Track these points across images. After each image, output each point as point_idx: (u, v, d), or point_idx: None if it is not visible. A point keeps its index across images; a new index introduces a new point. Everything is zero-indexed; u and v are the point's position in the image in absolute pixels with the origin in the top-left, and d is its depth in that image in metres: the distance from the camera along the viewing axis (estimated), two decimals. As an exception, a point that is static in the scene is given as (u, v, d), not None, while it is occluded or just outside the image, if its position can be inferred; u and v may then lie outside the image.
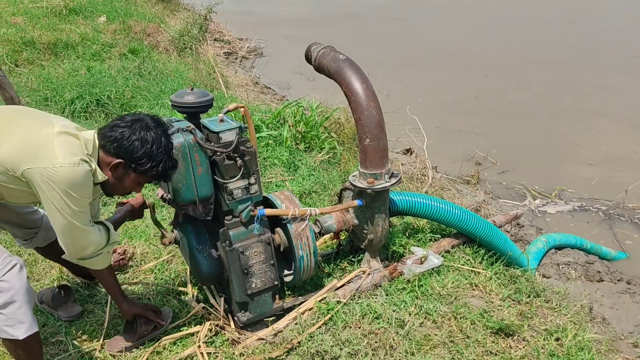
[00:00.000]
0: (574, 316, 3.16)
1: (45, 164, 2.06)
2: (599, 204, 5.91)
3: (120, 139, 2.22)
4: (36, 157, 2.06)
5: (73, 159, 2.10)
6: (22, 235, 2.74)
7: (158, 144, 2.26)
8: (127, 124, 2.25)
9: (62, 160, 2.07)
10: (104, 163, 2.27)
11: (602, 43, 12.25)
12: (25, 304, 2.15)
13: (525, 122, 8.01)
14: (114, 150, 2.24)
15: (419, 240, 3.61)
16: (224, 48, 10.87)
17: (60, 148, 2.09)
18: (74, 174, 2.10)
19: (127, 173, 2.31)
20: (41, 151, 2.07)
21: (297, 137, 5.14)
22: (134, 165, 2.26)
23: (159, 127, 2.32)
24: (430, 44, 12.33)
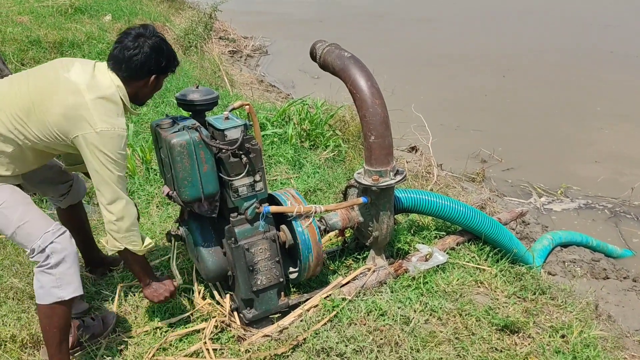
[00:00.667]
0: (580, 313, 3.15)
1: (88, 130, 2.30)
2: (605, 201, 5.89)
3: (144, 62, 2.43)
4: (80, 126, 2.30)
5: (110, 123, 2.34)
6: (58, 192, 2.90)
7: (165, 43, 2.53)
8: (135, 47, 2.41)
9: (101, 126, 2.31)
10: (138, 87, 2.51)
11: (622, 44, 12.16)
12: (75, 266, 2.39)
13: (532, 121, 7.99)
14: (144, 73, 2.47)
15: (424, 238, 3.61)
16: (228, 46, 10.88)
17: (96, 113, 2.32)
18: (113, 136, 2.34)
19: (158, 79, 2.57)
20: (83, 119, 2.30)
21: (302, 135, 5.15)
22: (162, 71, 2.55)
23: (150, 27, 2.51)
24: (438, 43, 12.30)
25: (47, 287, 2.33)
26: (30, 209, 2.39)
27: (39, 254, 2.32)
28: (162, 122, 2.66)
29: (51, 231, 2.35)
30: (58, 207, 3.00)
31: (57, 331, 2.40)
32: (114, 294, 3.08)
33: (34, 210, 2.41)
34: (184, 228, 2.93)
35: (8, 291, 3.08)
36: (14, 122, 2.30)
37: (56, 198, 2.94)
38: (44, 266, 2.33)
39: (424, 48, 11.87)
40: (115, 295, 3.06)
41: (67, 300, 2.37)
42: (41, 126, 2.32)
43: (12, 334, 2.72)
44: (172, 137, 2.51)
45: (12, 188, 2.41)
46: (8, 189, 2.39)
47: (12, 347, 2.68)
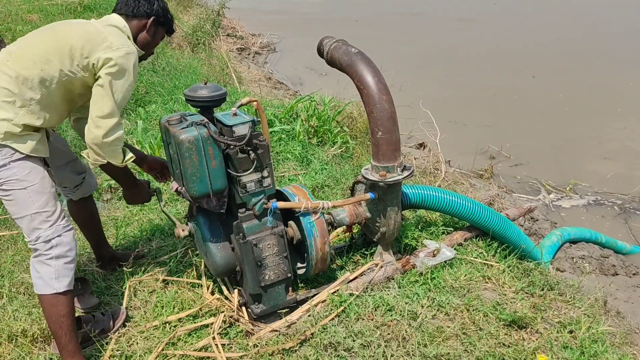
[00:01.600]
0: (588, 309, 3.14)
1: (105, 45, 2.46)
2: (614, 198, 5.87)
3: (147, 1, 2.66)
4: (101, 46, 2.45)
5: (126, 42, 2.53)
6: (72, 182, 2.97)
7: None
8: None
9: (117, 44, 2.48)
10: (138, 27, 2.68)
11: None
12: (73, 263, 2.51)
13: (541, 117, 7.97)
14: (145, 12, 2.67)
15: (432, 234, 3.61)
16: (237, 44, 10.91)
17: (112, 36, 2.50)
18: (128, 52, 2.50)
19: (156, 28, 2.75)
20: (98, 40, 2.46)
21: (310, 131, 5.16)
22: (160, 19, 2.73)
23: None
24: (446, 41, 12.25)
25: (46, 277, 2.42)
26: (53, 200, 2.49)
27: (43, 243, 2.42)
28: (170, 119, 2.67)
29: (62, 225, 2.47)
30: (70, 199, 3.06)
31: (63, 319, 2.46)
32: (123, 289, 3.11)
33: (55, 202, 2.50)
34: (193, 224, 2.95)
35: (19, 286, 3.12)
36: (39, 63, 2.41)
37: (70, 189, 3.00)
38: (44, 256, 2.42)
39: (430, 46, 11.83)
40: (125, 290, 3.08)
41: (67, 292, 2.46)
42: (64, 55, 2.43)
43: (23, 329, 2.75)
44: (180, 133, 2.53)
45: (44, 173, 2.49)
46: (41, 172, 2.47)
47: (23, 342, 2.71)
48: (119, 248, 3.53)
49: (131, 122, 5.47)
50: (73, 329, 2.50)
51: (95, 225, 3.21)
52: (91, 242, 3.27)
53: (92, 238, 3.24)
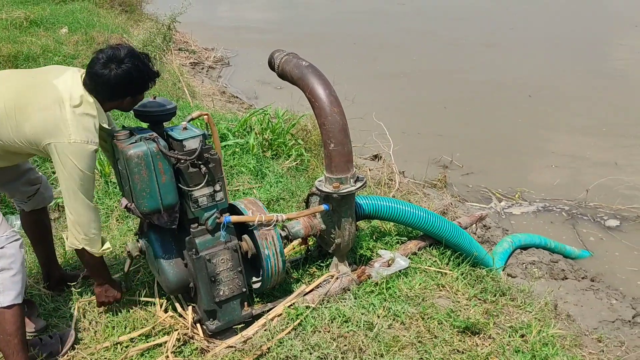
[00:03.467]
0: (539, 313, 3.23)
1: (62, 139, 2.37)
2: (562, 204, 6.04)
3: (115, 86, 2.48)
4: (55, 134, 2.38)
5: (84, 136, 2.41)
6: (24, 194, 2.91)
7: (137, 67, 2.50)
8: (107, 71, 2.44)
9: (75, 137, 2.38)
10: (115, 105, 2.61)
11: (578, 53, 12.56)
12: (20, 275, 2.42)
13: (491, 127, 8.16)
14: (118, 94, 2.54)
15: (386, 243, 3.65)
16: (189, 58, 10.81)
17: (73, 126, 2.39)
18: (83, 150, 2.41)
19: (135, 98, 2.63)
20: (59, 129, 2.38)
21: (264, 144, 5.15)
22: (137, 92, 2.61)
23: (124, 49, 2.51)
24: (400, 56, 12.43)
25: None
26: None
27: None
28: (118, 134, 2.62)
29: (5, 236, 2.41)
30: (22, 209, 2.98)
31: (10, 338, 2.37)
32: (72, 311, 3.01)
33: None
34: (144, 240, 2.89)
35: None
36: None
37: (22, 199, 2.92)
38: None
39: (383, 60, 11.99)
40: (74, 311, 2.98)
41: (12, 306, 2.38)
42: (16, 131, 2.39)
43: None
44: (129, 149, 2.49)
45: None
46: None
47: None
48: (67, 268, 3.41)
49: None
50: (22, 349, 2.41)
51: (47, 242, 3.13)
52: (41, 259, 3.17)
53: (43, 254, 3.15)
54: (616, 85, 9.82)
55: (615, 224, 5.61)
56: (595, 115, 8.41)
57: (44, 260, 3.16)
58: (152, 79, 2.62)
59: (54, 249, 3.20)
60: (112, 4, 11.85)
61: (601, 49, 12.82)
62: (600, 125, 8.06)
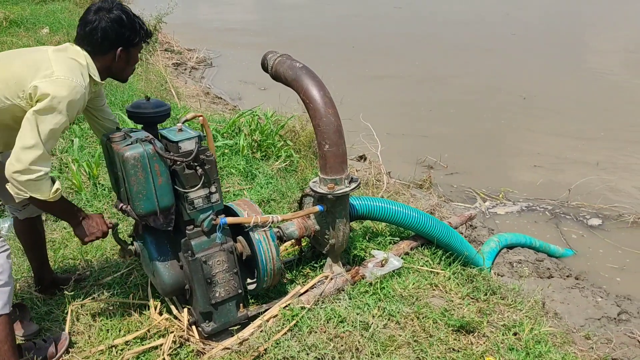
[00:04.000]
0: (529, 311, 3.27)
1: (45, 77, 2.25)
2: (545, 203, 6.13)
3: (105, 35, 2.41)
4: (37, 74, 2.26)
5: (73, 75, 2.30)
6: (21, 202, 2.67)
7: (127, 14, 2.48)
8: (97, 21, 2.40)
9: (58, 74, 2.27)
10: (106, 61, 2.50)
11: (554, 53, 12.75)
12: (8, 286, 2.38)
13: (475, 128, 8.26)
14: (108, 46, 2.45)
15: (379, 244, 3.67)
16: (172, 59, 10.75)
17: (56, 64, 2.29)
18: (66, 85, 2.27)
19: (128, 52, 2.54)
20: (41, 69, 2.27)
21: (253, 145, 5.15)
22: (129, 43, 2.51)
23: (113, 2, 2.48)
24: (387, 58, 12.51)
25: None
26: None
27: None
28: (113, 136, 2.59)
29: None
30: (15, 217, 2.92)
31: (0, 345, 2.34)
32: (65, 314, 2.98)
33: None
34: (139, 243, 2.87)
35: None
36: None
37: (16, 207, 2.86)
38: None
39: (370, 61, 12.05)
40: (67, 314, 2.95)
41: (0, 315, 2.34)
42: (5, 86, 2.28)
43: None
44: (125, 150, 2.46)
45: None
46: None
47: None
48: (58, 271, 3.38)
49: (65, 140, 5.27)
50: (13, 354, 2.38)
51: (39, 248, 3.09)
52: (33, 264, 3.13)
53: (36, 260, 3.11)
54: (598, 89, 10.00)
55: (597, 223, 5.71)
56: (576, 117, 8.57)
57: (37, 264, 3.12)
58: (144, 32, 2.57)
59: (46, 254, 3.16)
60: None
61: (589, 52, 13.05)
62: (581, 126, 8.21)
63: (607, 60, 11.97)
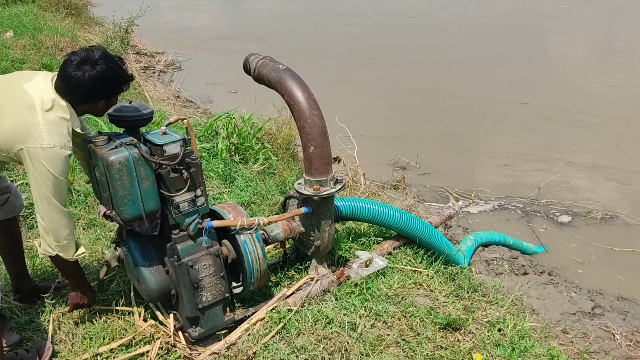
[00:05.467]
0: (510, 307, 3.34)
1: (34, 145, 2.31)
2: (516, 202, 6.24)
3: (89, 88, 2.42)
4: (27, 140, 2.32)
5: (58, 140, 2.34)
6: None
7: (111, 69, 2.46)
8: (81, 72, 2.39)
9: (48, 142, 2.32)
10: (88, 109, 2.53)
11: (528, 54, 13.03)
12: None
13: (444, 129, 8.37)
14: (92, 97, 2.46)
15: (363, 244, 3.69)
16: (140, 62, 10.59)
17: (46, 130, 2.33)
18: (57, 155, 2.34)
19: (109, 101, 2.55)
20: (31, 134, 2.32)
21: (231, 149, 5.11)
22: (111, 96, 2.53)
23: (98, 51, 2.47)
24: (359, 60, 12.57)
25: None
26: None
27: None
28: (96, 140, 2.55)
29: None
30: None
31: None
32: (46, 323, 2.90)
33: None
34: (123, 248, 2.82)
35: None
36: None
37: None
38: None
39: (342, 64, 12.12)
40: (49, 323, 2.88)
41: None
42: None
43: None
44: (109, 154, 2.42)
45: None
46: None
47: None
48: (36, 279, 3.29)
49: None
50: None
51: (17, 253, 3.01)
52: (11, 271, 3.05)
53: (13, 266, 3.03)
54: (566, 91, 10.25)
55: (567, 220, 5.85)
56: (544, 117, 8.77)
57: (15, 271, 3.04)
58: (126, 82, 2.56)
59: (24, 260, 3.08)
60: (57, 7, 11.47)
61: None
62: (549, 126, 8.40)
63: (570, 58, 12.31)
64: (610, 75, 11.15)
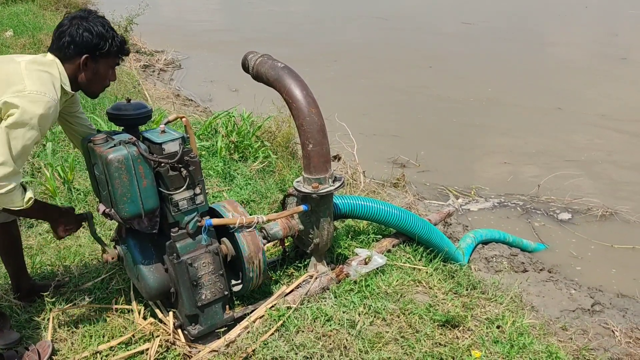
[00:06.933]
0: (509, 305, 3.35)
1: (15, 91, 2.21)
2: (516, 199, 6.24)
3: (72, 39, 2.38)
4: (7, 89, 2.22)
5: (41, 88, 2.26)
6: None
7: (101, 25, 2.44)
8: (68, 26, 2.39)
9: (30, 88, 2.23)
10: (73, 69, 2.45)
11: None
12: None
13: (443, 127, 8.37)
14: (74, 51, 2.40)
15: (362, 242, 3.70)
16: (140, 61, 10.59)
17: (27, 78, 2.26)
18: (39, 100, 2.24)
19: (96, 62, 2.47)
20: (12, 83, 2.24)
21: (231, 147, 5.12)
22: (97, 52, 2.44)
23: (91, 13, 2.48)
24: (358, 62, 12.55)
25: None
26: None
27: None
28: (95, 138, 2.55)
29: None
30: None
31: None
32: (46, 321, 2.91)
33: None
34: (122, 247, 2.83)
35: None
36: None
37: None
38: None
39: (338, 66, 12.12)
40: (49, 321, 2.88)
41: None
42: None
43: None
44: (108, 153, 2.43)
45: None
46: None
47: None
48: (36, 278, 3.30)
49: (38, 144, 5.14)
50: None
51: (16, 253, 3.01)
52: (10, 271, 3.05)
53: (12, 265, 3.03)
54: (564, 90, 10.25)
55: (567, 217, 5.85)
56: (544, 115, 8.77)
57: (14, 270, 3.05)
58: (117, 44, 2.49)
59: (23, 260, 3.08)
60: (57, 6, 11.47)
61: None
62: (549, 123, 8.41)
63: (570, 58, 12.31)
64: (611, 75, 11.16)
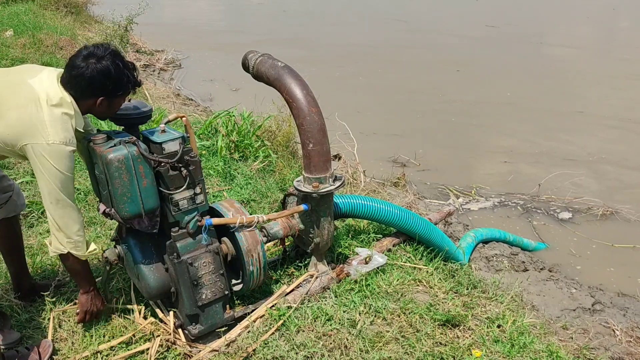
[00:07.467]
0: (510, 304, 3.35)
1: (40, 140, 2.30)
2: (516, 198, 6.24)
3: (89, 84, 2.41)
4: (32, 135, 2.31)
5: (63, 136, 2.34)
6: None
7: (117, 66, 2.45)
8: (85, 68, 2.39)
9: (53, 138, 2.31)
10: (88, 106, 2.50)
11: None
12: None
13: (444, 127, 8.37)
14: (90, 93, 2.44)
15: (362, 241, 3.69)
16: (140, 60, 10.59)
17: (51, 127, 2.32)
18: (62, 151, 2.34)
19: (110, 101, 2.52)
20: (36, 130, 2.31)
21: (231, 146, 5.11)
22: (112, 95, 2.49)
23: (108, 48, 2.47)
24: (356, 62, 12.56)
25: None
26: None
27: None
28: (95, 138, 2.55)
29: None
30: None
31: None
32: (47, 321, 2.91)
33: None
34: (122, 246, 2.83)
35: None
36: None
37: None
38: None
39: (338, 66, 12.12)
40: (49, 321, 2.88)
41: None
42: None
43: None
44: (108, 152, 2.43)
45: None
46: None
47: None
48: (36, 278, 3.29)
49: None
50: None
51: (17, 251, 3.01)
52: (11, 269, 3.06)
53: (14, 264, 3.03)
54: (565, 92, 10.25)
55: (567, 216, 5.84)
56: (543, 116, 8.77)
57: (15, 270, 3.05)
58: (131, 84, 2.54)
59: (24, 258, 3.09)
60: (57, 5, 11.46)
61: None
62: (548, 123, 8.41)
63: (571, 58, 12.31)
64: (612, 74, 11.16)
